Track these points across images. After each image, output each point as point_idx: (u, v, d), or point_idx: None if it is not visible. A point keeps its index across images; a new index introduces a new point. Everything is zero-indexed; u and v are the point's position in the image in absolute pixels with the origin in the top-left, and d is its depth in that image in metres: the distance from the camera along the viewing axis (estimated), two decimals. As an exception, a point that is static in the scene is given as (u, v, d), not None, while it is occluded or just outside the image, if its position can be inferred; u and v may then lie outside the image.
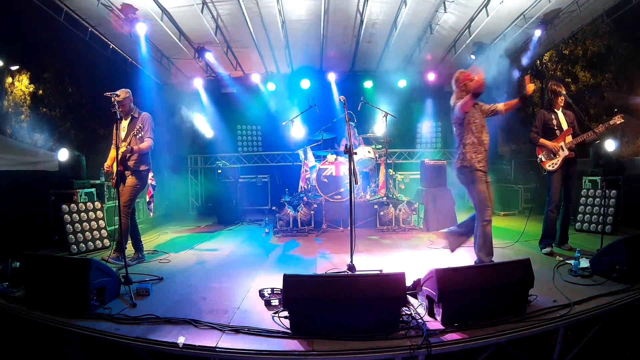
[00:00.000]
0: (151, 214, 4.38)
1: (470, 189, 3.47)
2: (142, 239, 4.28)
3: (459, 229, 3.83)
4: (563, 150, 4.09)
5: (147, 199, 4.21)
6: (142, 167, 4.02)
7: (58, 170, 5.17)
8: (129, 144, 3.87)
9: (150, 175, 4.15)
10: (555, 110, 4.18)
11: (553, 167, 4.10)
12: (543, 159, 4.17)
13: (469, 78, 3.41)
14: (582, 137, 4.04)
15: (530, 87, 3.47)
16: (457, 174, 3.58)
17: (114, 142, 3.93)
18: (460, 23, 6.43)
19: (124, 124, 3.97)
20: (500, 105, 3.57)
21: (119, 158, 3.74)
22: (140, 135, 3.89)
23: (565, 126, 4.14)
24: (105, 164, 4.07)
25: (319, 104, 6.55)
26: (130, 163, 3.95)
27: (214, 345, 2.17)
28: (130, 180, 3.98)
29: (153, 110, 4.33)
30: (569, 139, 4.10)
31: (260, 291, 2.93)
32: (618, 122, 3.83)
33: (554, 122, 4.16)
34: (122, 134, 3.91)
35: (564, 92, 4.13)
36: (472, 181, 3.41)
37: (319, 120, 6.88)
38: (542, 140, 4.15)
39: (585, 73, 6.81)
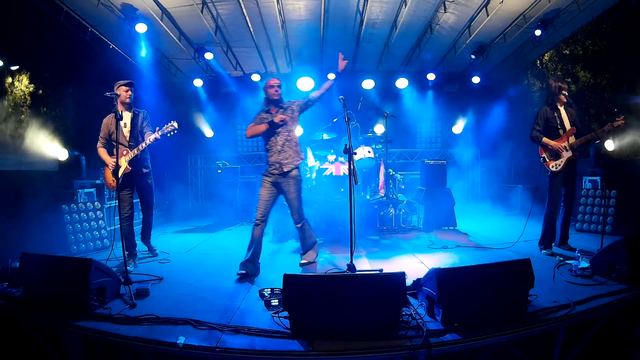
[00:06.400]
0: None
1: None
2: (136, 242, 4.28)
3: None
4: (567, 150, 3.97)
5: None
6: (148, 168, 4.04)
7: (58, 170, 5.16)
8: (137, 140, 3.85)
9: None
10: (559, 107, 4.06)
11: (557, 168, 3.98)
12: (547, 159, 4.05)
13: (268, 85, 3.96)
14: (585, 138, 3.92)
15: (342, 64, 4.14)
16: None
17: (101, 138, 3.94)
18: (460, 23, 6.42)
19: (126, 120, 3.91)
20: (315, 93, 4.22)
21: (132, 157, 3.78)
22: (146, 129, 3.93)
23: (568, 125, 4.01)
24: (108, 180, 3.97)
25: (319, 103, 6.52)
26: (140, 162, 3.94)
27: (213, 345, 2.17)
28: (148, 188, 4.06)
29: (153, 111, 4.33)
30: (572, 139, 3.98)
31: (260, 291, 2.93)
32: (621, 124, 3.80)
33: (557, 120, 4.03)
34: (125, 131, 3.87)
35: (566, 87, 4.01)
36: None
37: (319, 120, 6.87)
38: (546, 140, 4.01)
39: (585, 73, 6.79)
